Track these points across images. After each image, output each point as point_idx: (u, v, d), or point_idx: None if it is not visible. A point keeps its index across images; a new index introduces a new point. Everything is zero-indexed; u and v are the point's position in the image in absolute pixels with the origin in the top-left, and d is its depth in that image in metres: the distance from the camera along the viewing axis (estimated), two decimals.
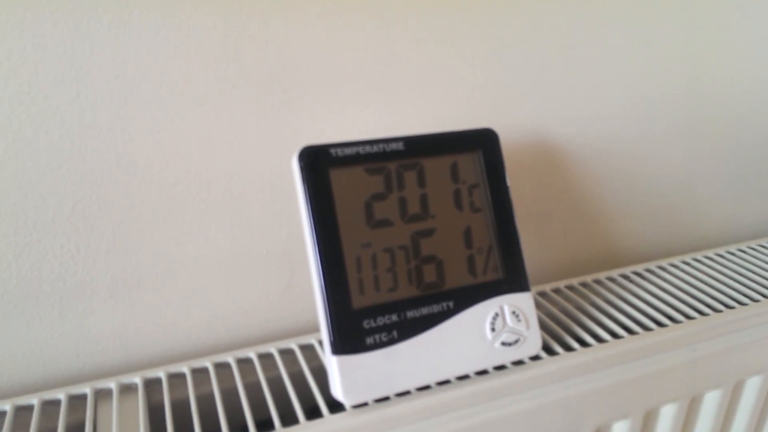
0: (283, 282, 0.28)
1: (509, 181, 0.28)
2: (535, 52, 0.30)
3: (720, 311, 0.28)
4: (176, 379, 0.25)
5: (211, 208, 0.26)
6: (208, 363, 0.25)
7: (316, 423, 0.21)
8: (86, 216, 0.24)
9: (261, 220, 0.27)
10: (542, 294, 0.30)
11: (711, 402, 0.28)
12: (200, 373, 0.25)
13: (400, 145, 0.23)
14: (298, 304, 0.29)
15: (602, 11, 0.31)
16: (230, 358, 0.25)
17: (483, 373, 0.23)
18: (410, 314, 0.22)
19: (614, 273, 0.32)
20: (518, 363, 0.24)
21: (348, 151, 0.22)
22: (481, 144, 0.24)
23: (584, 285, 0.31)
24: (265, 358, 0.26)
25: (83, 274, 0.25)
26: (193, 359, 0.26)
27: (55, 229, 0.24)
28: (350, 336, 0.21)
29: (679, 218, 0.38)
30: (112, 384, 0.24)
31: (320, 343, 0.26)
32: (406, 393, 0.22)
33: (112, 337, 0.26)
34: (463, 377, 0.23)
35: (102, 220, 0.25)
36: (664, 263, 0.34)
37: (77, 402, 0.24)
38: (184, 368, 0.25)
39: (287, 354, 0.26)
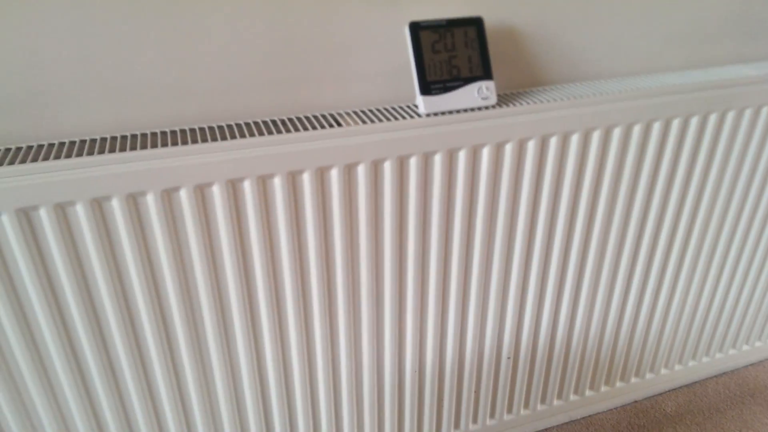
0: (408, 81, 0.67)
1: (487, 39, 0.65)
2: None
3: None
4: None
5: (353, 57, 0.64)
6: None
7: (413, 120, 0.60)
8: None
9: (387, 59, 0.65)
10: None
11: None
12: None
13: (443, 23, 0.60)
14: (410, 88, 0.68)
15: None
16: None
17: (474, 109, 0.61)
18: (447, 84, 0.60)
19: None
20: (488, 107, 0.62)
21: (426, 23, 0.60)
22: (477, 22, 0.62)
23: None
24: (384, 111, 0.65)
25: None
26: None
27: None
28: (425, 89, 0.59)
29: None
30: None
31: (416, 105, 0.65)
32: (449, 113, 0.61)
33: None
34: (467, 109, 0.61)
35: None
36: None
37: None
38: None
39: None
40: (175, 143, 0.53)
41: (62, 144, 0.53)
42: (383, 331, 0.69)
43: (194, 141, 0.53)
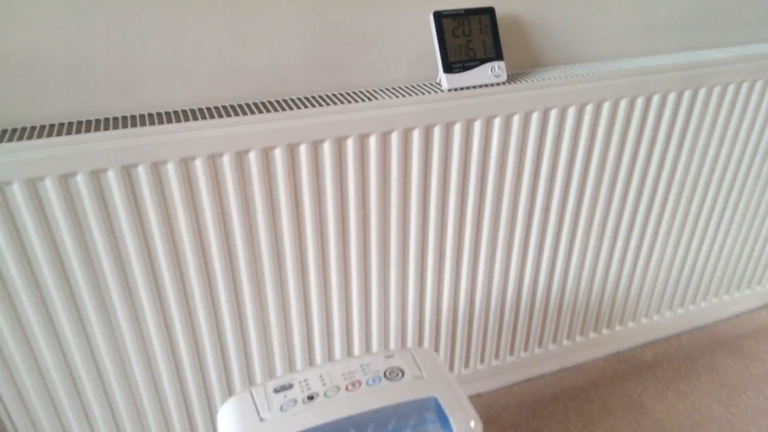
0: (431, 63, 0.77)
1: (498, 26, 0.76)
2: None
3: None
4: None
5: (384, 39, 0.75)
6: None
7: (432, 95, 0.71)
8: None
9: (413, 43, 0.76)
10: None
11: None
12: None
13: (462, 12, 0.71)
14: (433, 69, 0.78)
15: None
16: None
17: (488, 85, 0.72)
18: (466, 64, 0.71)
19: None
20: (499, 84, 0.73)
21: (447, 12, 0.70)
22: (490, 12, 0.72)
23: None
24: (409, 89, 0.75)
25: None
26: None
27: None
28: (447, 68, 0.70)
29: None
30: None
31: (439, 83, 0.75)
32: (467, 88, 0.71)
33: None
34: (482, 85, 0.72)
35: None
36: None
37: None
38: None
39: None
40: (244, 113, 0.63)
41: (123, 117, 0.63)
42: (408, 280, 0.80)
43: (259, 112, 0.64)
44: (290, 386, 0.58)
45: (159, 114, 0.63)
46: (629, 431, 1.03)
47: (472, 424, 0.57)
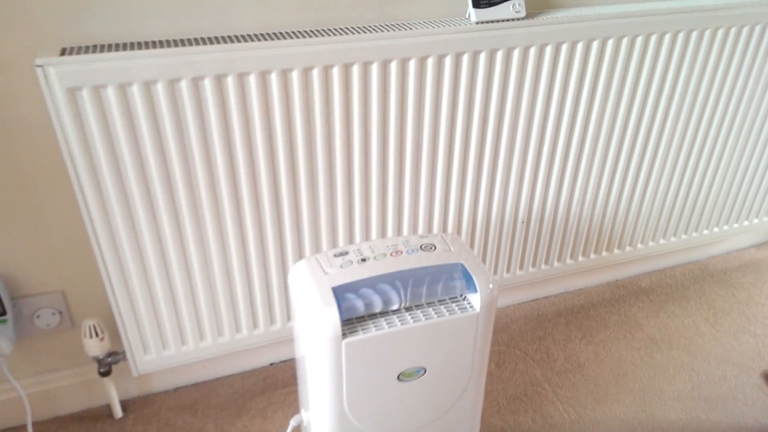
0: (461, 1, 0.90)
1: None
2: None
3: None
4: None
5: None
6: None
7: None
8: None
9: None
10: None
11: None
12: None
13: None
14: (463, 5, 0.91)
15: None
16: None
17: (509, 20, 0.85)
18: (491, 1, 0.84)
19: None
20: (519, 19, 0.86)
21: None
22: None
23: None
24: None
25: None
26: None
27: None
28: (476, 3, 0.83)
29: None
30: None
31: (468, 17, 0.89)
32: (492, 22, 0.85)
33: None
34: (505, 20, 0.85)
35: None
36: None
37: None
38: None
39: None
40: (309, 37, 0.77)
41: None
42: (435, 195, 0.95)
43: (321, 36, 0.78)
44: (347, 253, 0.73)
45: (243, 36, 0.77)
46: (624, 342, 1.18)
47: (491, 285, 0.71)
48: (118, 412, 1.00)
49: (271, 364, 1.12)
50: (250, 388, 1.07)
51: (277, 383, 1.07)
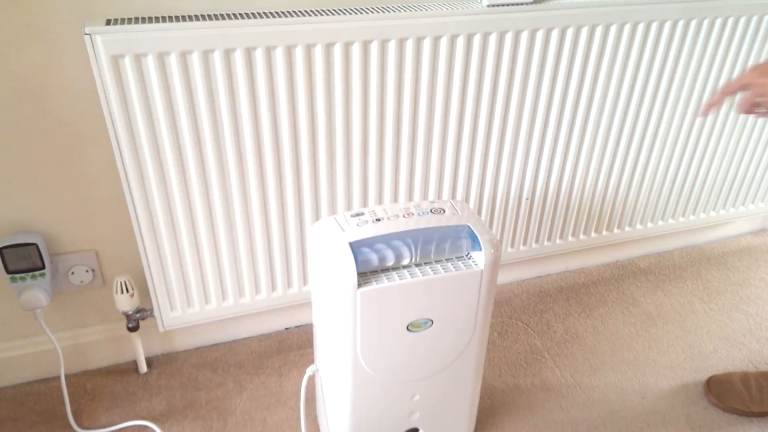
0: None
1: None
2: None
3: None
4: None
5: None
6: None
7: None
8: None
9: None
10: None
11: None
12: None
13: None
14: None
15: None
16: None
17: (518, 4, 0.91)
18: None
19: None
20: (527, 3, 0.91)
21: None
22: None
23: None
24: None
25: None
26: None
27: None
28: None
29: None
30: None
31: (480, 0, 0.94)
32: (502, 5, 0.91)
33: None
34: (514, 4, 0.91)
35: None
36: None
37: None
38: None
39: None
40: (331, 15, 0.83)
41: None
42: (444, 170, 1.01)
43: (343, 14, 0.84)
44: (362, 214, 0.79)
45: (272, 12, 0.83)
46: (621, 317, 1.24)
47: (492, 249, 0.77)
48: (144, 368, 1.07)
49: (287, 328, 1.18)
50: (267, 349, 1.13)
51: (292, 345, 1.14)
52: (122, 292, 0.96)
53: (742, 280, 1.35)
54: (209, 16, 0.81)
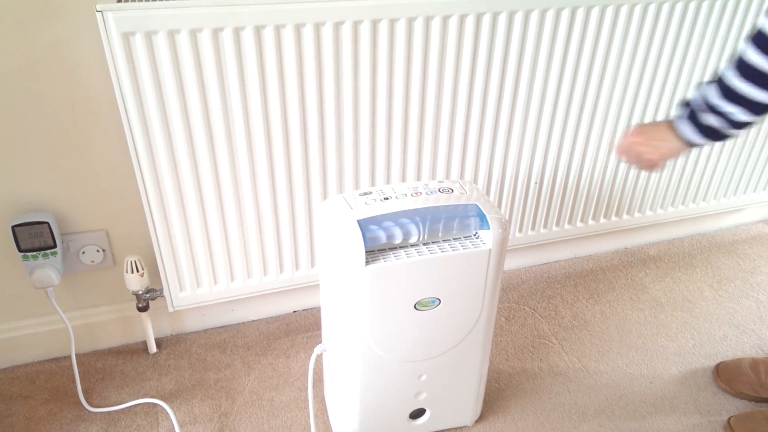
0: None
1: None
2: None
3: None
4: None
5: None
6: None
7: None
8: None
9: None
10: None
11: None
12: None
13: None
14: None
15: None
16: None
17: None
18: None
19: None
20: None
21: None
22: None
23: None
24: None
25: None
26: None
27: None
28: None
29: None
30: None
31: None
32: None
33: None
34: None
35: None
36: None
37: None
38: None
39: None
40: None
41: None
42: (453, 152, 1.01)
43: None
44: (370, 192, 0.79)
45: None
46: (629, 303, 1.24)
47: (500, 229, 0.77)
48: (153, 348, 1.08)
49: (294, 311, 1.19)
50: (275, 331, 1.14)
51: (299, 328, 1.15)
52: (132, 272, 0.97)
53: (753, 267, 1.34)
54: None
